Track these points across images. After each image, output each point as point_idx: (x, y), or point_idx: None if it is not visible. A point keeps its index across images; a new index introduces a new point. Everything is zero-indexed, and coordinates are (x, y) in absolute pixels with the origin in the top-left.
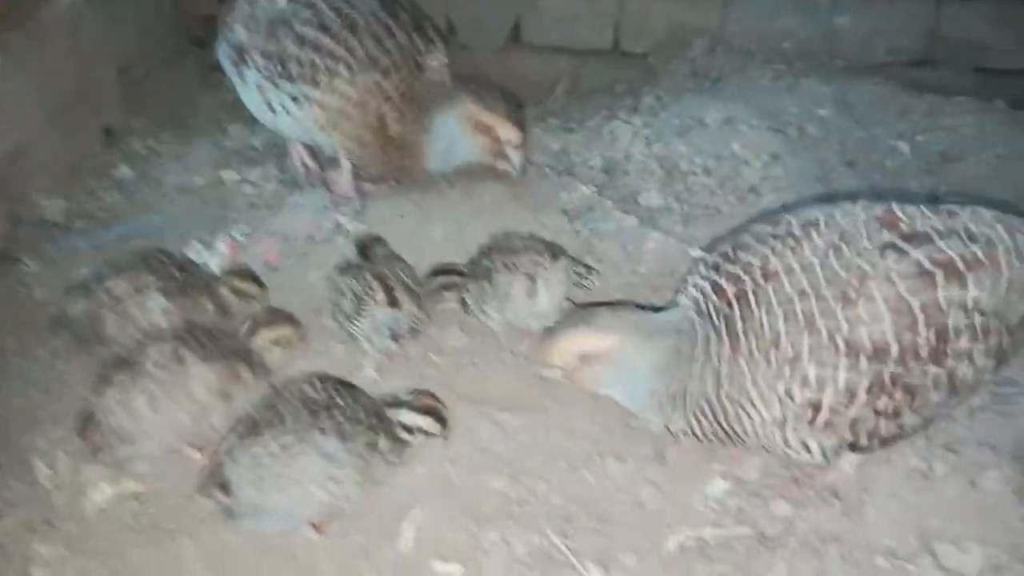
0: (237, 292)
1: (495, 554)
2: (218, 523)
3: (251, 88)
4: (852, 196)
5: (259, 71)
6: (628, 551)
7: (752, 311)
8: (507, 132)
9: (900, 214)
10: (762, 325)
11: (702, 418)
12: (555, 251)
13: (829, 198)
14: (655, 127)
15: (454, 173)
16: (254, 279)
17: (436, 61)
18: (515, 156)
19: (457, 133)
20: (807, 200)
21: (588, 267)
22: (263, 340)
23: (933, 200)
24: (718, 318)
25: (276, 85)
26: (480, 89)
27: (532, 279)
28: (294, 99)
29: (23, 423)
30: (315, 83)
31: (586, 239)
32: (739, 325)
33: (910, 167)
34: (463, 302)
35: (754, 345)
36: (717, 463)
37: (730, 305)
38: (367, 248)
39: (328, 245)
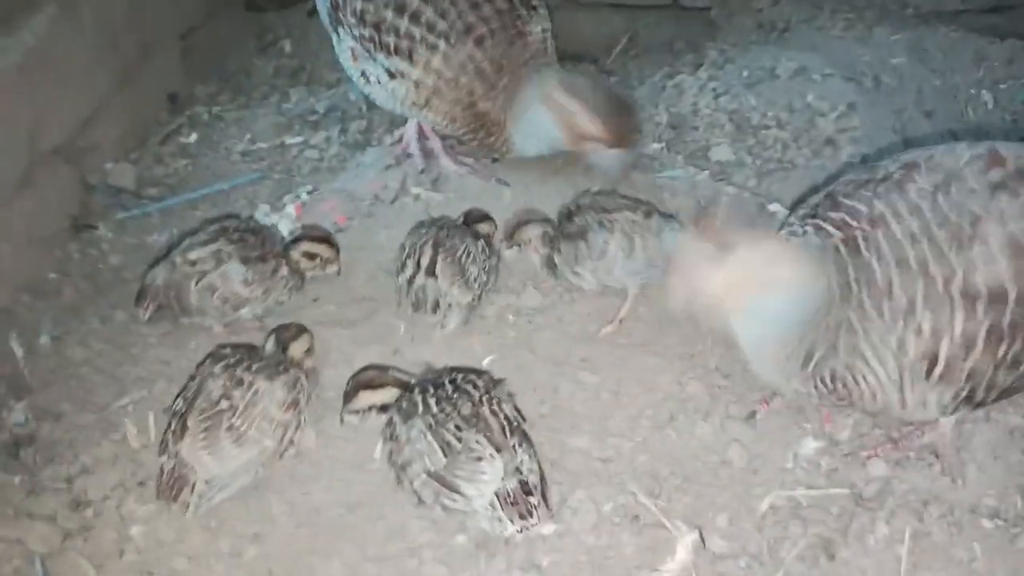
0: (310, 256)
1: (583, 513)
2: (306, 481)
3: (345, 50)
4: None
5: (353, 36)
6: (719, 511)
7: (862, 257)
8: (588, 126)
9: (1007, 152)
10: (873, 272)
11: (821, 385)
12: (647, 208)
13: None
14: (722, 80)
15: None
16: (327, 241)
17: (538, 28)
18: (603, 156)
19: (538, 116)
20: (886, 152)
21: (678, 221)
22: (297, 352)
23: None
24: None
25: (371, 55)
26: (578, 70)
27: (629, 237)
28: (390, 74)
29: (109, 384)
30: (412, 60)
31: (657, 194)
32: (850, 273)
33: (992, 116)
34: (550, 262)
35: (865, 295)
36: (807, 422)
37: (837, 251)
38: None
39: (396, 205)
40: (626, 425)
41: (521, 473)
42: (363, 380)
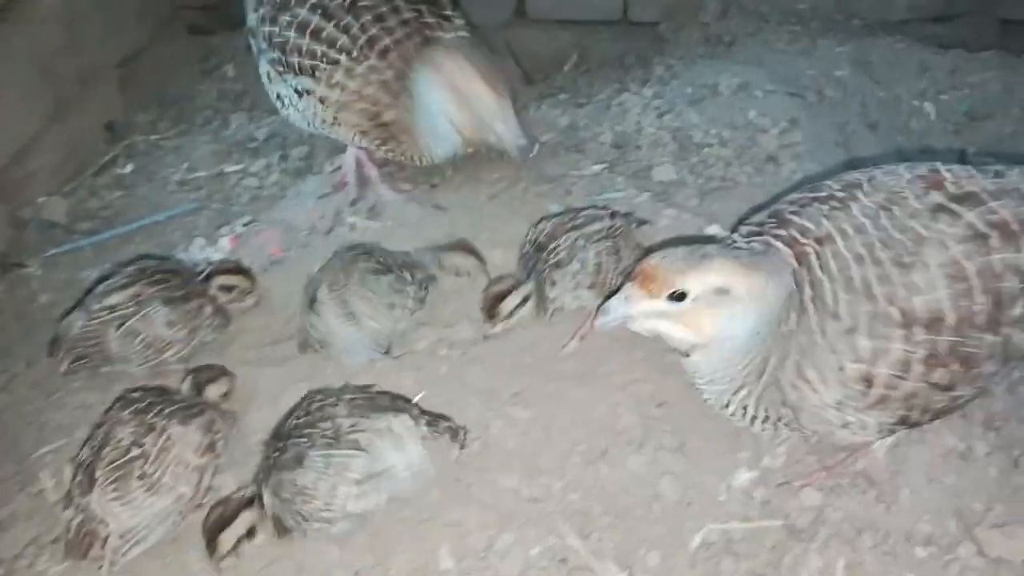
0: (226, 288)
1: (510, 557)
2: None
3: (263, 75)
4: (878, 162)
5: (267, 60)
6: (650, 548)
7: (816, 274)
8: (482, 97)
9: (946, 174)
10: (824, 291)
11: (770, 407)
12: (606, 211)
13: (852, 165)
14: (667, 98)
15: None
16: (241, 271)
17: (450, 35)
18: (501, 129)
19: (432, 101)
20: (830, 168)
21: (644, 221)
22: (214, 394)
23: (962, 161)
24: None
25: (281, 76)
26: (456, 42)
27: (612, 240)
28: (298, 93)
29: (30, 432)
30: (315, 76)
31: None
32: (807, 293)
33: (935, 127)
34: (542, 306)
35: (815, 319)
36: (741, 451)
37: (798, 265)
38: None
39: (331, 236)
40: (557, 461)
41: (423, 417)
42: (215, 525)
